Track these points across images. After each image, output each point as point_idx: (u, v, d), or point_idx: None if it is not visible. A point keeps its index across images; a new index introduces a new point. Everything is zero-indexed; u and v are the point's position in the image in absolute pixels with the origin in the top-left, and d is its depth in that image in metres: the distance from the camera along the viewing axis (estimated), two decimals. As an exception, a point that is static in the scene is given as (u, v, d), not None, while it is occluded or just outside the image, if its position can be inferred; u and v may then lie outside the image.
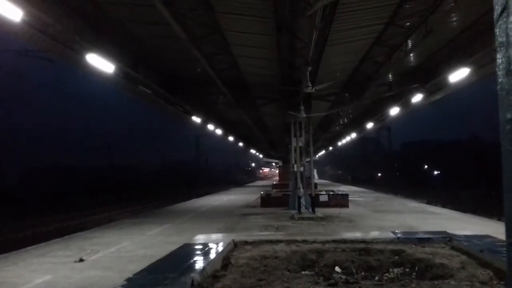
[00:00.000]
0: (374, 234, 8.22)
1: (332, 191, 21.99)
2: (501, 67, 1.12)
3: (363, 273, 4.99)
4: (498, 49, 1.14)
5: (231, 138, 35.26)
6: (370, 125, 27.49)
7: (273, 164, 71.08)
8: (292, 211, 15.29)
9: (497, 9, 1.12)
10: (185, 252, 5.82)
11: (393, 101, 20.01)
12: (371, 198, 24.59)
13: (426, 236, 6.66)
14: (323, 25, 9.20)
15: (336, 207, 16.97)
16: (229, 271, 4.84)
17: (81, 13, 10.21)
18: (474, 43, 12.64)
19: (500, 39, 1.12)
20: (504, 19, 1.10)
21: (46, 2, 8.94)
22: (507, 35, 1.09)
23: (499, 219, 15.67)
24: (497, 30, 1.14)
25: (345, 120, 29.52)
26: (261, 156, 68.82)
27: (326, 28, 10.16)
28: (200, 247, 6.06)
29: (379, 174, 74.28)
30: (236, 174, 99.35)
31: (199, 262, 5.02)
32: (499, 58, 1.14)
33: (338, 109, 20.40)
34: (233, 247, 6.24)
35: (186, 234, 10.03)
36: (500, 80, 1.14)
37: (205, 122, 23.71)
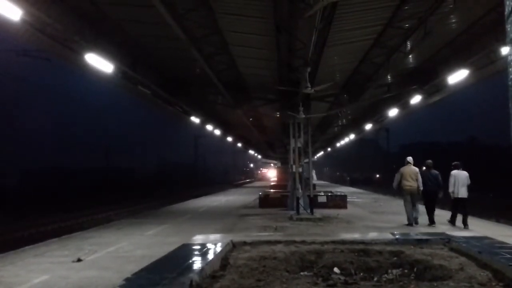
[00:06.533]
0: (372, 235, 8.23)
1: (331, 192, 21.97)
2: (512, 63, 1.12)
3: (361, 274, 4.98)
4: (509, 44, 1.14)
5: (229, 139, 35.28)
6: (368, 127, 27.51)
7: (272, 165, 71.10)
8: (290, 212, 15.27)
9: (509, 5, 1.11)
10: (184, 253, 5.82)
11: (392, 103, 20.05)
12: (370, 199, 24.59)
13: (425, 237, 6.66)
14: (322, 26, 9.19)
15: (335, 208, 16.95)
16: (228, 271, 4.83)
17: (80, 12, 10.20)
18: (473, 45, 12.67)
19: (511, 35, 1.11)
20: (515, 16, 1.09)
21: (45, 1, 8.93)
22: (518, 32, 1.08)
23: (497, 221, 15.70)
24: (508, 26, 1.14)
25: (344, 121, 29.55)
26: (259, 157, 68.88)
27: (325, 29, 10.16)
28: (199, 247, 6.05)
29: (378, 176, 74.31)
30: (235, 175, 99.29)
31: (197, 263, 5.02)
32: (511, 53, 1.13)
33: (337, 110, 20.42)
34: (232, 247, 6.24)
35: (185, 234, 10.01)
36: (511, 76, 1.13)
37: (203, 122, 23.72)
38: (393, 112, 20.98)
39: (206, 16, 10.13)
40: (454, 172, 11.56)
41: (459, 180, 11.51)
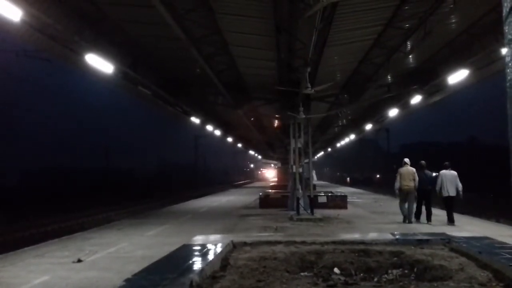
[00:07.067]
0: (373, 235, 8.23)
1: (331, 192, 21.96)
2: (510, 64, 1.12)
3: (362, 275, 4.98)
4: (507, 46, 1.14)
5: (230, 139, 35.28)
6: (369, 127, 27.51)
7: (272, 165, 71.11)
8: (290, 212, 15.27)
9: (506, 6, 1.11)
10: (184, 253, 5.81)
11: (392, 103, 20.05)
12: (370, 199, 24.57)
13: (425, 237, 6.66)
14: (322, 26, 9.19)
15: (335, 209, 16.95)
16: (228, 272, 4.83)
17: (81, 13, 10.20)
18: (473, 45, 12.67)
19: (509, 36, 1.11)
20: (513, 17, 1.09)
21: (45, 2, 8.94)
22: (515, 33, 1.08)
23: (497, 221, 15.69)
24: (506, 27, 1.14)
25: (344, 121, 29.53)
26: (260, 157, 68.89)
27: (325, 29, 10.16)
28: (199, 248, 6.05)
29: (378, 176, 74.32)
30: (235, 176, 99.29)
31: (198, 263, 5.02)
32: (508, 55, 1.13)
33: (337, 110, 20.41)
34: (232, 248, 6.23)
35: (185, 235, 10.00)
36: (509, 77, 1.13)
37: (204, 123, 23.72)
38: (393, 112, 20.98)
39: (206, 16, 10.13)
40: (442, 172, 12.12)
41: (447, 179, 11.96)
